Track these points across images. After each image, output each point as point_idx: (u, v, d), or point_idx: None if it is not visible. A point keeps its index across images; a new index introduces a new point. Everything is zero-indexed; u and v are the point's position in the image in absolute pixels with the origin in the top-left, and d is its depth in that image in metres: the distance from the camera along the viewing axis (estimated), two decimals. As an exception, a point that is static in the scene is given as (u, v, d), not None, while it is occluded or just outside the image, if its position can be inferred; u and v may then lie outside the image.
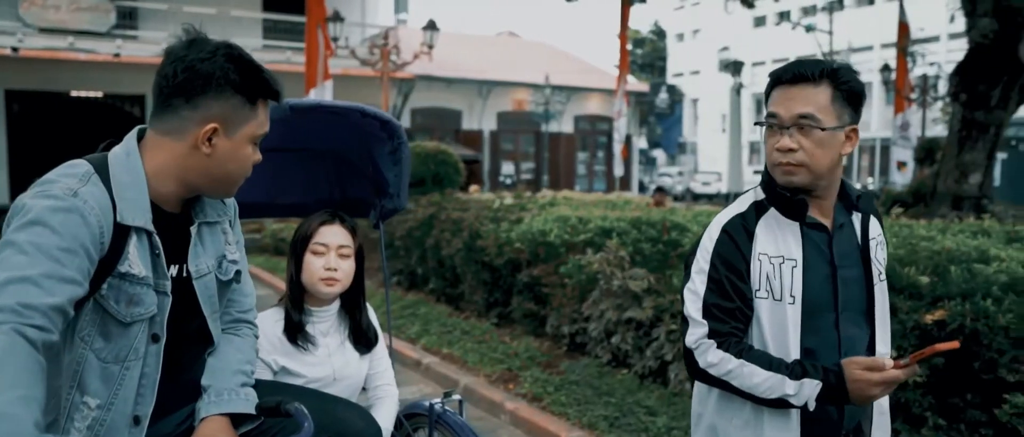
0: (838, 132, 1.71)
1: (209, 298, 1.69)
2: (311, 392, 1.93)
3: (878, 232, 1.88)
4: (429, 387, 5.37)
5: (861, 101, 1.77)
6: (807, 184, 1.73)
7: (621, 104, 16.44)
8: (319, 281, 2.17)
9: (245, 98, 1.58)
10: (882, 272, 1.85)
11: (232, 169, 1.62)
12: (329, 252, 2.19)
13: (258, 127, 1.63)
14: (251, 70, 1.58)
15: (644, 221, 5.84)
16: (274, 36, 22.49)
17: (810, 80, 1.70)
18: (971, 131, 10.59)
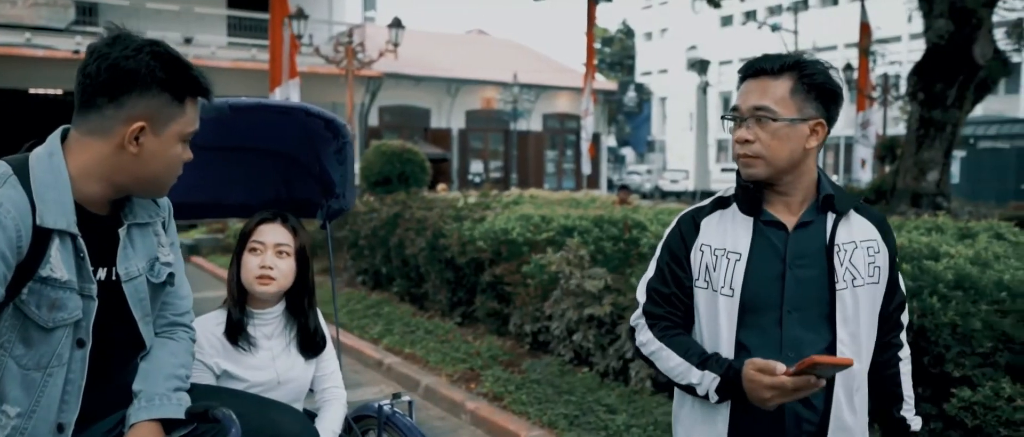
0: (799, 125, 1.68)
1: (140, 301, 1.65)
2: (247, 396, 1.89)
3: (867, 236, 1.76)
4: (390, 387, 5.33)
5: (832, 95, 1.72)
6: (766, 177, 1.72)
7: (588, 102, 16.50)
8: (255, 280, 2.14)
9: (172, 96, 1.54)
10: (861, 278, 1.73)
11: (160, 169, 1.58)
12: (266, 250, 2.15)
13: (187, 125, 1.59)
14: (178, 67, 1.54)
15: (606, 220, 5.87)
16: (239, 33, 22.21)
17: (770, 73, 1.70)
18: (929, 130, 10.79)
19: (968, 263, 3.82)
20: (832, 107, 1.73)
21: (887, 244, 1.79)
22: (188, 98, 1.58)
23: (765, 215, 1.76)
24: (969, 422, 3.14)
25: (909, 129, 11.27)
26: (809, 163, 1.74)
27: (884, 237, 1.79)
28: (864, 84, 17.84)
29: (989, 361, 3.27)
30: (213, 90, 1.63)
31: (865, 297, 1.73)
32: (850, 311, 1.71)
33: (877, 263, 1.75)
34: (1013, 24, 12.85)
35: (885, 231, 1.80)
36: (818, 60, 1.73)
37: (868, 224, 1.78)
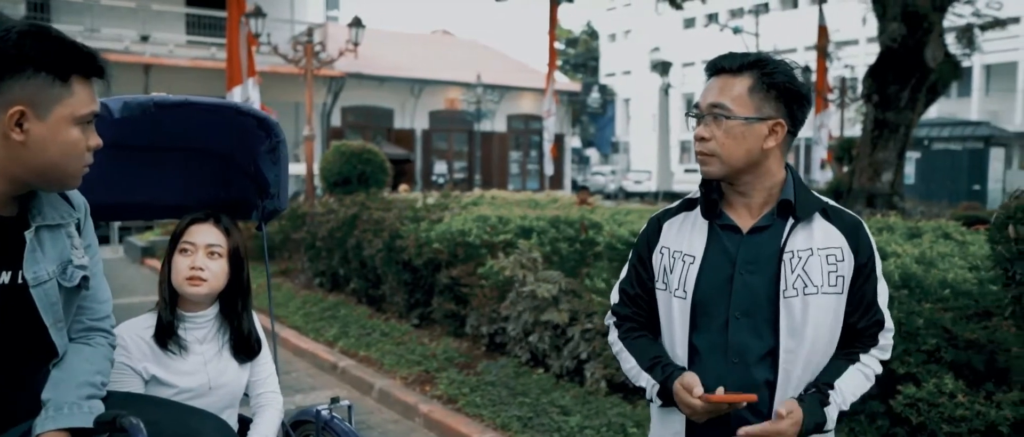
0: (755, 124, 1.65)
1: (50, 306, 1.57)
2: (166, 403, 1.82)
3: (831, 243, 1.69)
4: (343, 391, 5.25)
5: (796, 96, 1.68)
6: (722, 175, 1.70)
7: (551, 103, 16.52)
8: (184, 281, 2.07)
9: (53, 76, 1.44)
10: (814, 286, 1.67)
11: (56, 156, 1.48)
12: (197, 251, 2.08)
13: (79, 106, 1.48)
14: (55, 44, 1.45)
15: (563, 220, 5.86)
16: (198, 32, 21.85)
17: (730, 71, 1.68)
18: (883, 131, 11.00)
19: (914, 262, 3.88)
20: (796, 108, 1.69)
21: (856, 252, 1.69)
22: (75, 78, 1.47)
23: (723, 218, 1.75)
24: (914, 419, 3.17)
25: (864, 130, 11.48)
26: (771, 164, 1.71)
27: (854, 245, 1.69)
28: (822, 86, 18.13)
29: (934, 358, 3.32)
30: (107, 69, 1.52)
31: (819, 306, 1.66)
32: (798, 320, 1.66)
33: (840, 272, 1.67)
34: (962, 29, 13.15)
35: (856, 239, 1.70)
36: (782, 60, 1.71)
37: (835, 231, 1.70)
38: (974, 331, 3.35)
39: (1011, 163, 28.22)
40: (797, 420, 1.60)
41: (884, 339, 1.75)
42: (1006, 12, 14.25)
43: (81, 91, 1.48)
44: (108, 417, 1.52)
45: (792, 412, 1.59)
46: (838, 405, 1.66)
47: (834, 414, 1.66)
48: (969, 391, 3.10)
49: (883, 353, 1.76)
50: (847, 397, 1.67)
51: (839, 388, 1.66)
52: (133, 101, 1.92)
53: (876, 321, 1.72)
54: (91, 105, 1.51)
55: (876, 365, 1.74)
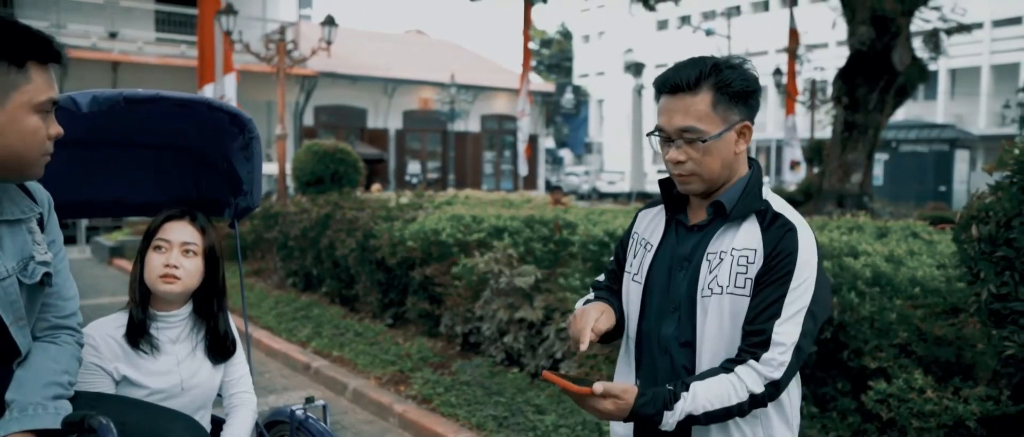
0: (726, 134, 1.67)
1: (10, 304, 1.52)
2: (136, 404, 1.78)
3: (747, 245, 1.66)
4: (317, 391, 5.20)
5: (751, 94, 1.69)
6: (704, 190, 1.72)
7: (524, 103, 16.53)
8: (158, 279, 2.03)
9: (8, 62, 1.41)
10: (719, 287, 1.67)
11: (15, 144, 1.44)
12: (171, 249, 2.04)
13: (37, 93, 1.45)
14: (8, 30, 1.42)
15: (537, 220, 5.86)
16: (167, 29, 21.55)
17: (687, 89, 1.66)
18: (852, 133, 11.17)
19: (883, 261, 3.94)
20: (753, 104, 1.71)
21: (766, 257, 1.64)
22: (32, 63, 1.44)
23: (681, 213, 1.80)
24: (884, 414, 3.22)
25: (834, 132, 11.65)
26: (739, 165, 1.73)
27: (768, 250, 1.64)
28: (793, 88, 18.35)
29: (905, 352, 3.37)
30: (64, 54, 1.49)
31: (726, 307, 1.67)
32: (711, 319, 1.68)
33: (748, 274, 1.65)
34: (929, 33, 13.39)
35: (773, 244, 1.64)
36: (730, 63, 1.69)
37: (756, 234, 1.67)
38: (942, 327, 3.40)
39: (975, 165, 28.76)
40: (620, 407, 1.59)
41: (769, 361, 1.60)
42: (970, 17, 14.53)
43: (38, 77, 1.45)
44: (76, 417, 1.48)
45: (611, 393, 1.58)
46: (685, 410, 1.59)
47: (674, 418, 1.59)
48: (937, 387, 3.15)
49: (770, 371, 1.60)
50: (701, 404, 1.58)
51: (694, 393, 1.59)
52: (102, 95, 1.88)
53: (759, 342, 1.61)
54: (49, 92, 1.47)
55: (755, 382, 1.59)
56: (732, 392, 1.59)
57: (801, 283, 1.61)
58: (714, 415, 1.60)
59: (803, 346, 1.62)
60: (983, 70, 36.24)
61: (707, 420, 1.61)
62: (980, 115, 35.87)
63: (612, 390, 1.59)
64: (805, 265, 1.62)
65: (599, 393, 1.58)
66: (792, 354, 1.60)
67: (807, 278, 1.62)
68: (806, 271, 1.62)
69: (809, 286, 1.62)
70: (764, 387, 1.59)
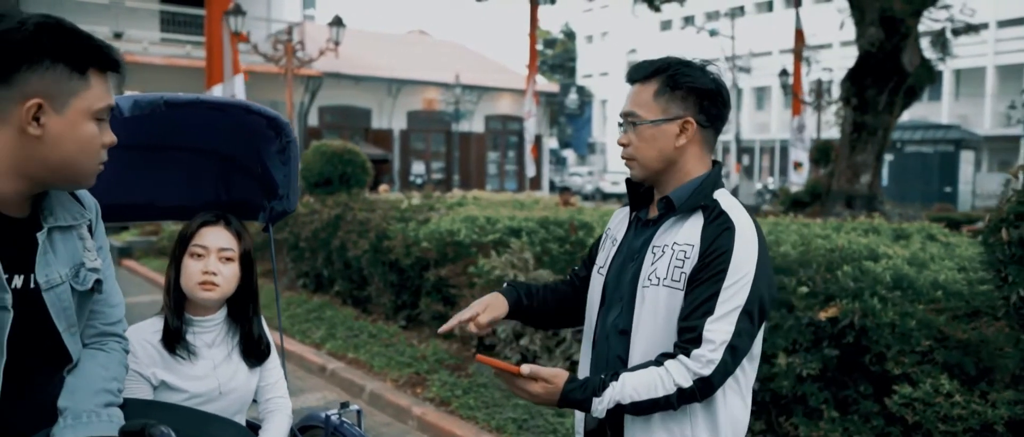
0: (663, 125, 1.73)
1: (63, 311, 1.52)
2: (185, 410, 1.78)
3: (687, 240, 1.69)
4: (333, 394, 5.20)
5: (704, 93, 1.73)
6: (643, 177, 1.80)
7: (531, 104, 16.52)
8: (197, 286, 2.02)
9: (70, 68, 1.40)
10: (657, 278, 1.71)
11: (73, 152, 1.43)
12: (209, 255, 2.04)
13: (96, 100, 1.44)
14: (72, 36, 1.42)
15: (552, 221, 5.85)
16: (173, 29, 21.57)
17: (639, 79, 1.77)
18: (861, 134, 11.15)
19: (905, 264, 3.92)
20: (706, 104, 1.74)
21: (701, 255, 1.66)
22: (92, 70, 1.43)
23: (641, 210, 1.88)
24: (910, 418, 3.21)
25: (843, 133, 11.64)
26: (686, 162, 1.76)
27: (704, 247, 1.66)
28: (799, 89, 18.33)
29: (927, 358, 3.36)
30: (123, 63, 1.49)
31: (661, 299, 1.71)
32: (646, 309, 1.73)
33: (684, 269, 1.68)
34: (937, 34, 13.38)
35: (710, 242, 1.66)
36: (687, 61, 1.76)
37: (697, 229, 1.70)
38: (965, 331, 3.39)
39: (980, 166, 28.76)
40: (549, 391, 1.64)
41: (699, 357, 1.62)
42: (975, 18, 14.51)
43: (98, 85, 1.45)
44: (136, 427, 1.47)
45: (539, 376, 1.63)
46: (613, 398, 1.62)
47: (602, 405, 1.62)
48: (964, 390, 3.14)
49: (699, 368, 1.61)
50: (628, 393, 1.61)
51: (623, 382, 1.62)
52: (143, 99, 1.88)
53: (691, 338, 1.63)
54: (107, 100, 1.47)
55: (682, 377, 1.61)
56: (659, 384, 1.62)
57: (735, 282, 1.63)
58: (641, 405, 1.63)
59: (738, 346, 1.64)
60: (988, 70, 36.18)
61: (635, 410, 1.64)
62: (985, 116, 35.81)
63: (540, 373, 1.64)
64: (741, 264, 1.64)
65: (526, 374, 1.63)
66: (724, 352, 1.62)
67: (742, 278, 1.64)
68: (742, 270, 1.64)
69: (745, 286, 1.63)
70: (692, 382, 1.61)
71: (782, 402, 3.76)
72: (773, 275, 1.75)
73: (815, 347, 3.61)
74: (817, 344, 3.62)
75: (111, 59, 1.46)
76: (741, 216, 1.70)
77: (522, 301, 1.97)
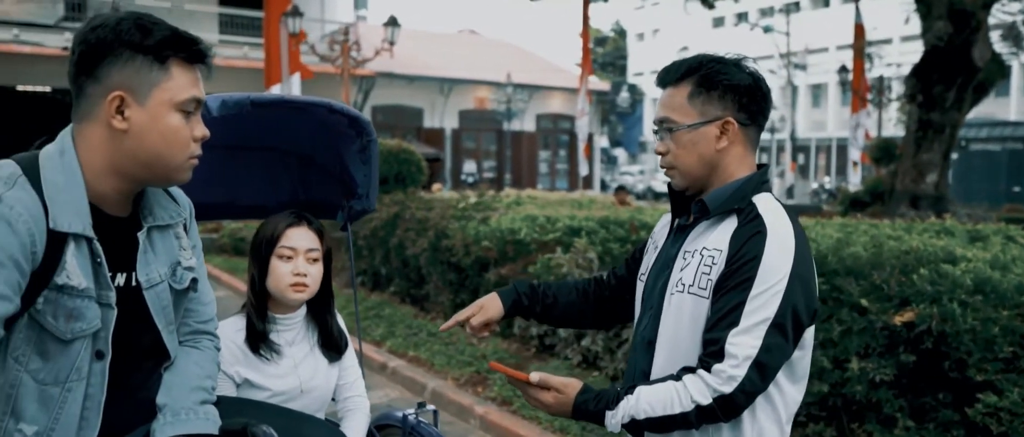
0: (702, 128, 1.63)
1: (162, 309, 1.55)
2: (277, 409, 1.80)
3: (715, 245, 1.60)
4: (396, 391, 5.25)
5: (741, 90, 1.63)
6: (685, 185, 1.69)
7: (584, 102, 16.44)
8: (288, 288, 2.04)
9: (151, 58, 1.40)
10: (683, 286, 1.63)
11: (158, 144, 1.43)
12: (297, 256, 2.06)
13: (178, 91, 1.44)
14: (154, 26, 1.42)
15: (612, 220, 5.80)
16: (231, 31, 22.06)
17: (671, 83, 1.68)
18: (927, 132, 10.80)
19: (987, 267, 3.77)
20: (745, 101, 1.64)
21: (728, 260, 1.56)
22: (174, 62, 1.43)
23: (682, 216, 1.78)
24: (994, 428, 3.09)
25: (908, 131, 11.29)
26: (728, 164, 1.66)
27: (731, 252, 1.56)
28: (858, 86, 17.87)
29: (1012, 366, 3.23)
30: (207, 53, 1.48)
31: (686, 307, 1.61)
32: (673, 318, 1.64)
33: (711, 275, 1.58)
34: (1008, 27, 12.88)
35: (737, 246, 1.56)
36: (720, 58, 1.66)
37: (726, 233, 1.59)
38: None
39: (1051, 164, 27.63)
40: (560, 402, 1.59)
41: (720, 373, 1.50)
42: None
43: (181, 76, 1.44)
44: (237, 425, 1.49)
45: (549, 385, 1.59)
46: (627, 412, 1.54)
47: (616, 419, 1.55)
48: (1055, 400, 3.01)
49: (719, 384, 1.49)
50: (643, 408, 1.52)
51: (638, 395, 1.54)
52: (231, 99, 1.91)
53: (713, 351, 1.52)
54: (192, 91, 1.46)
55: (701, 393, 1.50)
56: (676, 400, 1.51)
57: (764, 291, 1.51)
58: (656, 422, 1.53)
59: (766, 362, 1.50)
60: (1059, 65, 34.77)
61: (650, 426, 1.54)
62: (1055, 112, 34.42)
63: (550, 382, 1.59)
64: (772, 272, 1.51)
65: (536, 382, 1.59)
66: (749, 369, 1.48)
67: (772, 286, 1.51)
68: (772, 278, 1.51)
69: (775, 296, 1.50)
70: (712, 400, 1.49)
71: (854, 408, 3.67)
72: (814, 286, 1.60)
73: (890, 352, 3.50)
74: (892, 349, 3.51)
75: (193, 49, 1.45)
76: (778, 220, 1.58)
77: (521, 301, 1.96)
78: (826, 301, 3.67)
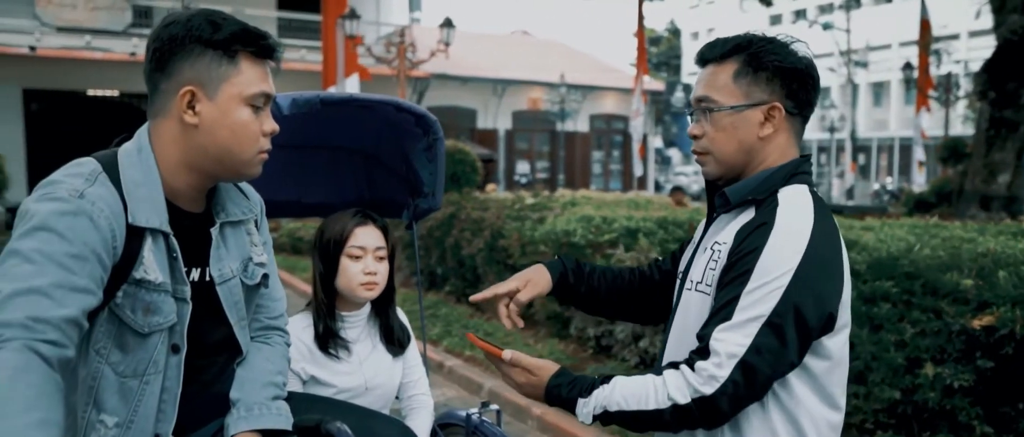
0: (745, 111, 1.48)
1: (234, 304, 1.57)
2: (347, 406, 1.80)
3: (727, 239, 1.49)
4: (452, 391, 5.26)
5: (792, 74, 1.49)
6: (719, 174, 1.55)
7: (639, 102, 16.29)
8: (359, 287, 2.06)
9: (220, 53, 1.42)
10: (691, 282, 1.56)
11: (228, 139, 1.45)
12: (366, 255, 2.07)
13: (247, 85, 1.45)
14: (223, 22, 1.43)
15: (670, 221, 5.72)
16: (289, 34, 22.48)
17: (714, 60, 1.53)
18: (999, 130, 10.39)
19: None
20: (795, 87, 1.50)
21: (730, 253, 1.45)
22: (243, 56, 1.44)
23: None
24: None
25: (978, 130, 10.88)
26: (769, 155, 1.52)
27: (735, 245, 1.45)
28: (924, 83, 17.32)
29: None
30: (277, 48, 1.49)
31: (693, 304, 1.53)
32: (681, 317, 1.57)
33: (717, 270, 1.48)
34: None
35: (741, 238, 1.45)
36: (771, 38, 1.52)
37: (737, 227, 1.48)
38: None
39: None
40: (532, 383, 1.51)
41: (702, 371, 1.38)
42: None
43: (249, 70, 1.45)
44: (311, 422, 1.50)
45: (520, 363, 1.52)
46: (601, 402, 1.43)
47: (587, 409, 1.45)
48: None
49: (700, 383, 1.37)
50: (616, 399, 1.41)
51: (614, 386, 1.44)
52: (301, 98, 1.92)
53: (699, 347, 1.41)
54: (260, 85, 1.47)
55: (679, 391, 1.38)
56: (651, 395, 1.40)
57: (761, 286, 1.37)
58: (629, 417, 1.41)
59: (755, 365, 1.35)
60: None
61: (623, 422, 1.42)
62: None
63: (521, 361, 1.51)
64: (772, 267, 1.38)
65: (507, 360, 1.51)
66: (733, 370, 1.35)
67: (771, 282, 1.37)
68: (771, 274, 1.37)
69: (773, 292, 1.36)
70: (690, 400, 1.36)
71: (925, 416, 3.54)
72: (831, 291, 1.42)
73: (966, 357, 3.37)
74: (969, 354, 3.37)
75: (261, 44, 1.46)
76: (794, 213, 1.43)
77: (568, 277, 1.75)
78: (896, 303, 3.55)
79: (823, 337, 1.43)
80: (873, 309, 3.54)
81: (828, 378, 1.46)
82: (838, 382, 1.49)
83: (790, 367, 1.40)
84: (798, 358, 1.40)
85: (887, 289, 3.55)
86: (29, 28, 17.68)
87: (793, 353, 1.38)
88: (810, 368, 1.44)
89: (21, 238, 1.25)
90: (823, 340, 1.43)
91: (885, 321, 3.52)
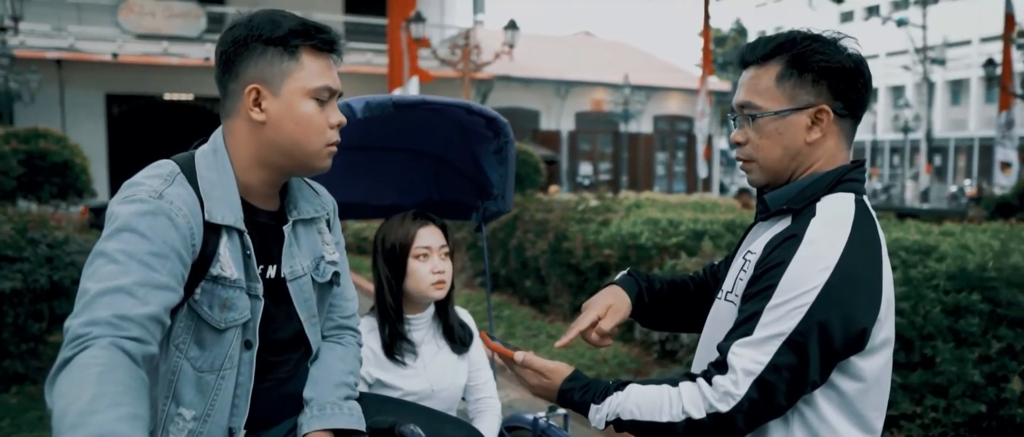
0: (790, 116, 1.41)
1: (305, 302, 1.59)
2: (418, 408, 1.81)
3: (757, 249, 1.44)
4: (515, 393, 5.26)
5: (839, 74, 1.40)
6: (765, 181, 1.48)
7: (703, 103, 16.04)
8: (430, 287, 2.07)
9: (281, 48, 1.45)
10: (722, 291, 1.51)
11: (294, 132, 1.47)
12: (432, 255, 2.09)
13: (310, 79, 1.47)
14: (283, 19, 1.46)
15: (738, 224, 5.61)
16: (356, 38, 22.88)
17: (755, 62, 1.45)
18: (1091, 129, 9.85)
19: None
20: (844, 88, 1.41)
21: (758, 264, 1.39)
22: (305, 51, 1.47)
23: None
24: None
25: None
26: (817, 160, 1.44)
27: (764, 255, 1.39)
28: (1008, 81, 16.57)
29: None
30: (338, 42, 1.51)
31: (722, 314, 1.48)
32: (711, 325, 1.53)
33: (746, 281, 1.42)
34: None
35: (769, 250, 1.38)
36: (816, 35, 1.44)
37: (769, 236, 1.42)
38: None
39: None
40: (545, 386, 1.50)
41: (718, 386, 1.33)
42: None
43: (312, 64, 1.48)
44: (385, 424, 1.51)
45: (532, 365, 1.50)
46: (613, 409, 1.40)
47: (600, 414, 1.41)
48: None
49: (715, 399, 1.32)
50: (629, 407, 1.38)
51: (628, 393, 1.39)
52: (374, 101, 1.95)
53: (717, 361, 1.36)
54: (324, 79, 1.49)
55: (694, 405, 1.34)
56: (665, 406, 1.36)
57: (784, 302, 1.31)
58: (641, 427, 1.37)
59: (773, 383, 1.29)
60: None
61: (634, 429, 1.38)
62: None
63: (533, 363, 1.49)
64: (797, 282, 1.31)
65: (518, 361, 1.49)
66: (750, 387, 1.30)
67: (795, 298, 1.30)
68: (797, 290, 1.30)
69: (797, 309, 1.30)
70: (705, 415, 1.32)
71: (1011, 432, 3.37)
72: (864, 309, 1.33)
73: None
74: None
75: (320, 37, 1.48)
76: (829, 225, 1.35)
77: (644, 297, 1.70)
78: (980, 315, 3.40)
79: (854, 357, 1.35)
80: (958, 322, 3.39)
81: (862, 400, 1.39)
82: (874, 404, 1.40)
83: (812, 386, 1.34)
84: (821, 378, 1.34)
85: (973, 301, 3.39)
86: (112, 36, 18.50)
87: (815, 373, 1.32)
88: (840, 387, 1.37)
89: (106, 239, 1.31)
90: (854, 360, 1.36)
91: (970, 335, 3.37)
